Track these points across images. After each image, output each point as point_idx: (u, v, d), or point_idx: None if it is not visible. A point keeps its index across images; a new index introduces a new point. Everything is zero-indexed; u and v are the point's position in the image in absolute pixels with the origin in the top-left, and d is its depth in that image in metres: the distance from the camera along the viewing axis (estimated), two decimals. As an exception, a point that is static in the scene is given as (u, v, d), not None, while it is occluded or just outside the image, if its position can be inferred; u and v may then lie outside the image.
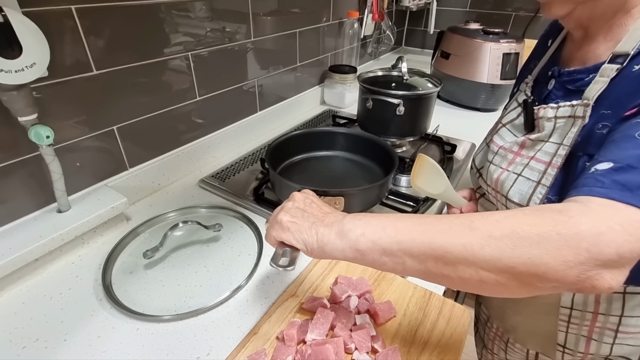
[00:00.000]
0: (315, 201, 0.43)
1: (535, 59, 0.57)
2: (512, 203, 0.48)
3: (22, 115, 0.50)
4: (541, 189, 0.45)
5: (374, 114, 0.88)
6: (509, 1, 1.50)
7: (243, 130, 0.94)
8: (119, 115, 0.66)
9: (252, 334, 0.47)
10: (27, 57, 0.46)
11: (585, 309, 0.48)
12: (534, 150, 0.47)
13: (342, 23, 1.23)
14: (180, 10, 0.71)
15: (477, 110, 1.21)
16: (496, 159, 0.53)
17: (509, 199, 0.48)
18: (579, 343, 0.50)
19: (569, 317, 0.49)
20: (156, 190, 0.76)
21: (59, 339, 0.47)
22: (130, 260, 0.59)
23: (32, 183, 0.57)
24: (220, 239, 0.63)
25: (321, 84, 1.22)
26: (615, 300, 0.46)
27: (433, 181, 0.63)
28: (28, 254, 0.52)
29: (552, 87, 0.48)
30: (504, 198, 0.50)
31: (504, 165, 0.51)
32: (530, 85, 0.53)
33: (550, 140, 0.45)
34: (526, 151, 0.49)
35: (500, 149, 0.53)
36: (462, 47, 1.17)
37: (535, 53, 0.58)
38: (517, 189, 0.47)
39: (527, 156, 0.48)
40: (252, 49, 0.90)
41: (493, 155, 0.53)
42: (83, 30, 0.57)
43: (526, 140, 0.48)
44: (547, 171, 0.44)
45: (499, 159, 0.52)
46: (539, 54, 0.55)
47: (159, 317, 0.49)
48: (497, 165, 0.52)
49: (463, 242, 0.31)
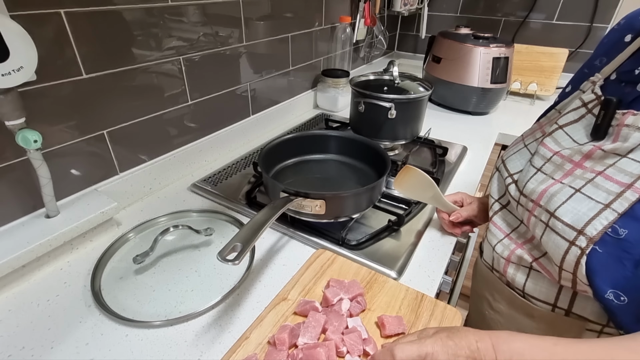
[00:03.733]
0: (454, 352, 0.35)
1: (602, 55, 0.48)
2: (559, 222, 0.40)
3: (9, 120, 0.49)
4: (609, 214, 0.37)
5: (366, 117, 0.88)
6: (499, 7, 1.53)
7: (235, 134, 0.94)
8: (109, 119, 0.66)
9: (244, 339, 0.46)
10: (14, 61, 0.46)
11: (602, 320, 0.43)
12: (604, 164, 0.40)
13: (334, 28, 1.24)
14: (172, 14, 0.71)
15: (468, 113, 1.23)
16: (547, 167, 0.45)
17: (557, 217, 0.40)
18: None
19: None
20: (147, 195, 0.76)
21: (46, 347, 0.46)
22: (120, 265, 0.58)
23: (19, 188, 0.56)
24: (211, 243, 0.63)
25: (314, 87, 1.23)
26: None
27: (420, 189, 0.64)
28: (15, 261, 0.51)
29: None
30: (547, 214, 0.42)
31: (557, 176, 0.43)
32: (599, 84, 0.45)
33: (629, 156, 0.38)
34: (592, 163, 0.41)
35: (555, 155, 0.45)
36: (453, 51, 1.18)
37: (602, 49, 0.49)
38: (572, 206, 0.39)
39: (593, 170, 0.40)
40: (244, 53, 0.90)
41: (544, 162, 0.46)
42: (72, 34, 0.56)
43: (596, 150, 0.40)
44: (625, 195, 0.36)
45: (552, 168, 0.45)
46: (609, 50, 0.47)
47: (149, 323, 0.49)
48: (547, 175, 0.45)
49: None
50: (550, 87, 1.34)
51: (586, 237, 0.38)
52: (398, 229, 0.67)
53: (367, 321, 0.49)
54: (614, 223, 0.36)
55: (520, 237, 0.50)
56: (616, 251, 0.36)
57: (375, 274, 0.57)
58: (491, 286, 0.56)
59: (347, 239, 0.63)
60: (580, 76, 0.51)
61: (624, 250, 0.36)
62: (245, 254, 0.44)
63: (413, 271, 0.59)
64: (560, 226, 0.40)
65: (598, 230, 0.37)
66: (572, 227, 0.39)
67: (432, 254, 0.63)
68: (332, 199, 0.59)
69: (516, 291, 0.51)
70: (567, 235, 0.39)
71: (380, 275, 0.57)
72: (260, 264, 0.60)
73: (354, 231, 0.66)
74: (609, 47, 0.48)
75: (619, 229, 0.36)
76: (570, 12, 1.40)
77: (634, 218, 0.36)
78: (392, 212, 0.69)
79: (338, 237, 0.63)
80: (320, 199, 0.58)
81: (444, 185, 0.82)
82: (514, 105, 1.32)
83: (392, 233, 0.66)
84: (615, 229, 0.36)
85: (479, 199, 0.66)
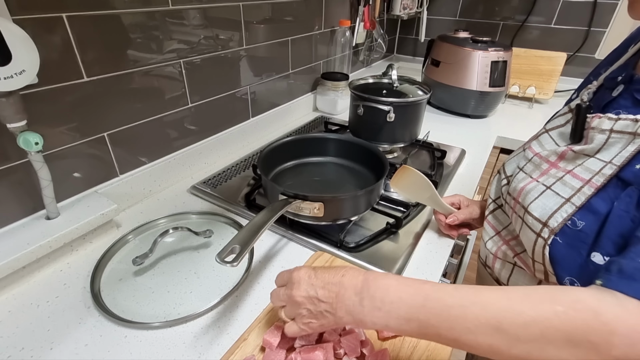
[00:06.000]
0: (316, 284, 0.38)
1: (607, 64, 0.49)
2: (530, 216, 0.43)
3: (10, 122, 0.50)
4: (568, 208, 0.39)
5: (365, 120, 0.89)
6: (498, 11, 1.54)
7: (235, 137, 0.95)
8: (110, 121, 0.66)
9: (242, 340, 0.46)
10: (17, 65, 0.46)
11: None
12: (574, 164, 0.42)
13: (334, 31, 1.24)
14: (173, 18, 0.71)
15: (467, 117, 1.23)
16: (528, 167, 0.48)
17: (529, 212, 0.43)
18: None
19: None
20: (147, 197, 0.76)
21: (45, 348, 0.46)
22: (120, 267, 0.58)
23: (20, 190, 0.57)
24: (211, 245, 0.63)
25: (314, 91, 1.23)
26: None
27: (417, 190, 0.64)
28: (15, 262, 0.51)
29: (618, 94, 0.41)
30: (522, 210, 0.45)
31: (535, 174, 0.46)
32: (592, 91, 0.46)
33: (596, 157, 0.39)
34: (564, 163, 0.43)
35: (535, 156, 0.48)
36: (451, 55, 1.19)
37: (608, 58, 0.50)
38: (542, 202, 0.42)
39: (564, 169, 0.42)
40: (244, 57, 0.91)
41: (526, 162, 0.49)
42: (74, 37, 0.57)
43: (567, 152, 0.43)
44: (582, 189, 0.39)
45: (531, 167, 0.47)
46: (613, 59, 0.48)
47: (147, 325, 0.49)
48: (527, 174, 0.47)
49: (489, 343, 0.30)
50: (548, 90, 1.34)
51: (549, 228, 0.41)
52: (396, 232, 0.67)
53: (365, 323, 0.49)
54: (572, 215, 0.39)
55: (509, 234, 0.53)
56: (574, 242, 0.39)
57: (373, 276, 0.57)
58: (484, 283, 0.59)
59: (346, 241, 0.63)
60: (585, 83, 0.52)
61: (580, 240, 0.38)
62: (244, 256, 0.44)
63: (411, 273, 0.60)
64: (530, 220, 0.43)
65: (559, 222, 0.40)
66: (539, 220, 0.42)
67: (430, 257, 0.63)
68: (330, 202, 0.60)
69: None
70: (535, 228, 0.42)
71: (378, 278, 0.57)
72: (259, 266, 0.60)
73: (353, 233, 0.67)
74: (614, 58, 0.49)
75: (577, 221, 0.38)
76: (568, 16, 1.41)
77: (590, 211, 0.38)
78: (390, 215, 0.70)
79: (336, 240, 0.63)
80: (318, 202, 0.58)
81: (442, 188, 0.82)
82: (513, 109, 1.33)
83: (390, 235, 0.67)
84: (574, 221, 0.39)
85: (478, 202, 0.67)
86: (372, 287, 0.36)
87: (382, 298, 0.35)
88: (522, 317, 0.29)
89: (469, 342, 0.31)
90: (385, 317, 0.34)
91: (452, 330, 0.32)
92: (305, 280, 0.39)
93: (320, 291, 0.38)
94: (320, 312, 0.38)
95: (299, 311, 0.39)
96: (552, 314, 0.29)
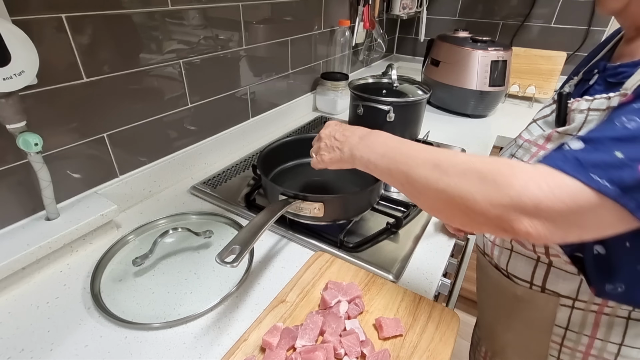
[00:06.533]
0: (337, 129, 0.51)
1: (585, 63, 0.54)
2: None
3: (10, 123, 0.50)
4: None
5: (365, 120, 0.89)
6: (497, 10, 1.54)
7: (235, 137, 0.95)
8: (109, 122, 0.66)
9: (242, 341, 0.46)
10: (16, 65, 0.46)
11: (581, 331, 0.46)
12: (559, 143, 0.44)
13: (333, 31, 1.24)
14: (173, 18, 0.71)
15: (467, 116, 1.23)
16: (519, 152, 0.52)
17: None
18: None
19: (563, 338, 0.48)
20: (147, 198, 0.76)
21: (45, 349, 0.46)
22: (120, 268, 0.58)
23: (20, 191, 0.57)
24: (210, 245, 0.63)
25: (313, 90, 1.23)
26: (617, 325, 0.44)
27: None
28: (15, 263, 0.51)
29: (594, 82, 0.46)
30: None
31: (525, 158, 0.50)
32: (573, 84, 0.51)
33: (578, 134, 0.42)
34: (551, 145, 0.47)
35: (525, 142, 0.51)
36: (451, 54, 1.19)
37: (586, 59, 0.56)
38: None
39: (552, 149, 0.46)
40: (244, 57, 0.91)
41: (517, 149, 0.53)
42: (73, 38, 0.57)
43: (553, 133, 0.47)
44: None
45: (522, 152, 0.51)
46: (591, 58, 0.53)
47: (148, 325, 0.49)
48: (518, 159, 0.51)
49: (425, 175, 0.37)
50: (548, 89, 1.34)
51: None
52: (396, 232, 0.67)
53: (365, 323, 0.49)
54: None
55: None
56: None
57: (373, 276, 0.57)
58: (485, 271, 0.60)
59: (346, 241, 0.63)
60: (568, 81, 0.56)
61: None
62: (244, 257, 0.44)
63: (411, 273, 0.60)
64: None
65: None
66: None
67: (430, 257, 0.63)
68: (330, 202, 0.60)
69: (502, 271, 0.55)
70: None
71: (379, 278, 0.57)
72: (259, 266, 0.60)
73: (353, 234, 0.67)
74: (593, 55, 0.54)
75: None
76: (568, 15, 1.41)
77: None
78: (390, 215, 0.70)
79: (336, 240, 0.63)
80: (318, 202, 0.58)
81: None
82: (513, 108, 1.33)
83: (391, 235, 0.67)
84: None
85: None
86: (373, 135, 0.46)
87: (373, 140, 0.45)
88: (456, 159, 0.36)
89: (412, 174, 0.38)
90: (369, 151, 0.44)
91: (406, 164, 0.40)
92: (332, 126, 0.53)
93: (337, 134, 0.50)
94: (332, 147, 0.50)
95: (319, 144, 0.52)
96: (479, 160, 0.35)
